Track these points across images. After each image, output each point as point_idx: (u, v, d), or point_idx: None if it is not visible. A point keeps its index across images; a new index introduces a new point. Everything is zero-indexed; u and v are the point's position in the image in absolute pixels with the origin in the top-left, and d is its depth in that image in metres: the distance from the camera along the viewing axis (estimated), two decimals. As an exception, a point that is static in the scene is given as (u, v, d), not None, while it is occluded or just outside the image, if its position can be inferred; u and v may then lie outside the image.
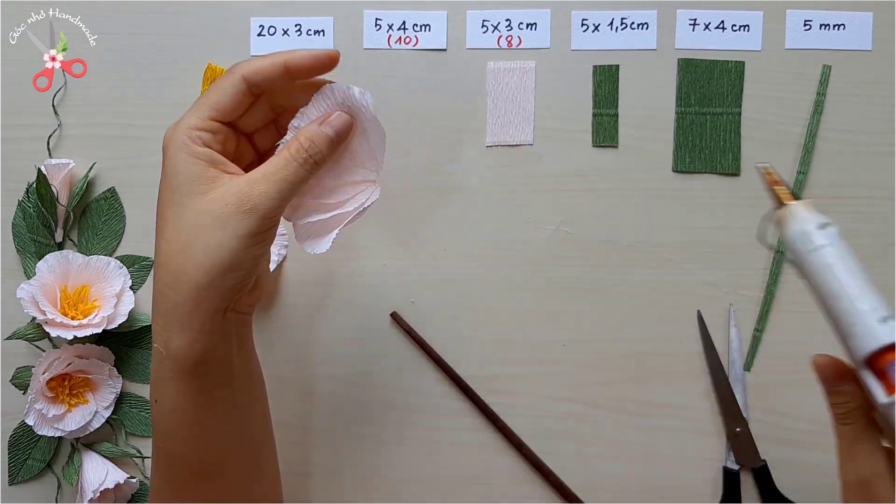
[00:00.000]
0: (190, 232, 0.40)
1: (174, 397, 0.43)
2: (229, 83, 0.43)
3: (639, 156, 0.61)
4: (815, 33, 0.60)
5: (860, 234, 0.60)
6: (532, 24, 0.60)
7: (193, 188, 0.41)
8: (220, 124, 0.43)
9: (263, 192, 0.40)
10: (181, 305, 0.41)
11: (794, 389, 0.61)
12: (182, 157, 0.41)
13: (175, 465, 0.45)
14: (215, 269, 0.40)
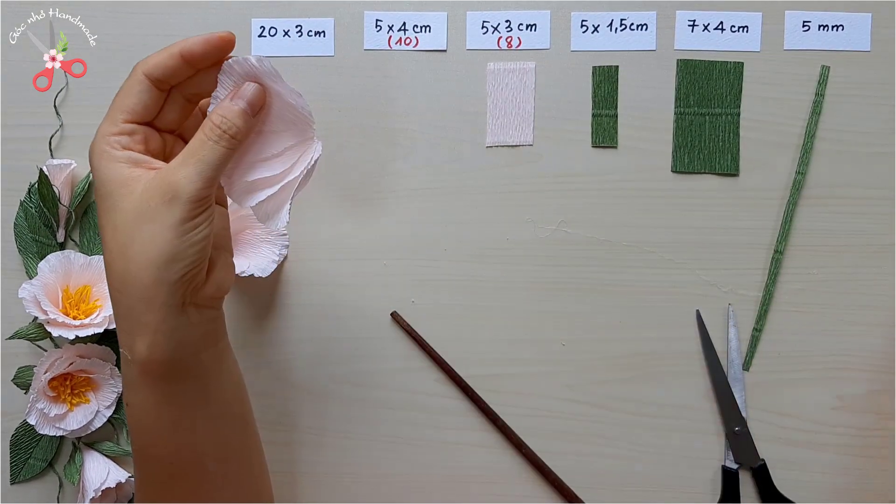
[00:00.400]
0: (124, 233, 0.40)
1: (143, 399, 0.43)
2: (134, 83, 0.42)
3: (638, 156, 0.61)
4: (814, 34, 0.61)
5: (860, 234, 0.61)
6: (532, 25, 0.61)
7: (121, 191, 0.40)
8: (135, 125, 0.42)
9: (184, 176, 0.40)
10: (135, 308, 0.40)
11: (793, 389, 0.61)
12: (104, 164, 0.41)
13: (151, 464, 0.45)
14: (154, 264, 0.40)
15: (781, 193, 0.61)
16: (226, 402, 0.47)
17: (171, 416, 0.43)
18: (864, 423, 0.61)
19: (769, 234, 0.61)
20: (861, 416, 0.61)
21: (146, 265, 0.40)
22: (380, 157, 0.61)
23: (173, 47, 0.42)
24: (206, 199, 0.41)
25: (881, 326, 0.61)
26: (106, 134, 0.42)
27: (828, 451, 0.61)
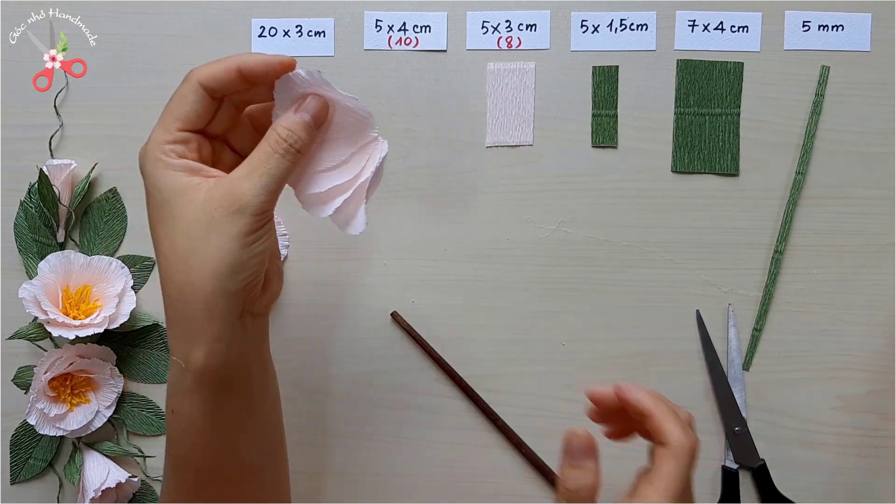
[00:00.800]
0: (185, 242, 0.40)
1: (194, 408, 0.43)
2: (188, 91, 0.42)
3: (638, 156, 0.61)
4: (814, 34, 0.61)
5: (859, 234, 0.61)
6: (532, 25, 0.61)
7: (180, 199, 0.40)
8: (189, 133, 0.42)
9: (249, 189, 0.40)
10: (193, 317, 0.40)
11: (793, 389, 0.61)
12: (160, 172, 0.41)
13: (190, 473, 0.45)
14: (218, 274, 0.40)
15: (781, 193, 0.61)
16: (267, 410, 0.48)
17: (218, 425, 0.43)
18: (865, 423, 0.61)
19: (769, 234, 0.61)
20: (861, 416, 0.61)
21: (209, 275, 0.39)
22: (380, 157, 0.61)
23: (230, 61, 0.42)
24: (269, 212, 0.41)
25: (881, 326, 0.61)
26: (160, 142, 0.41)
27: (828, 452, 0.61)
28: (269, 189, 0.40)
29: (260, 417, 0.47)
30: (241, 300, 0.41)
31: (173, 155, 0.41)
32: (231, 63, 0.42)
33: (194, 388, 0.42)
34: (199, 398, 0.42)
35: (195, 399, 0.42)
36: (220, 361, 0.41)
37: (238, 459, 0.46)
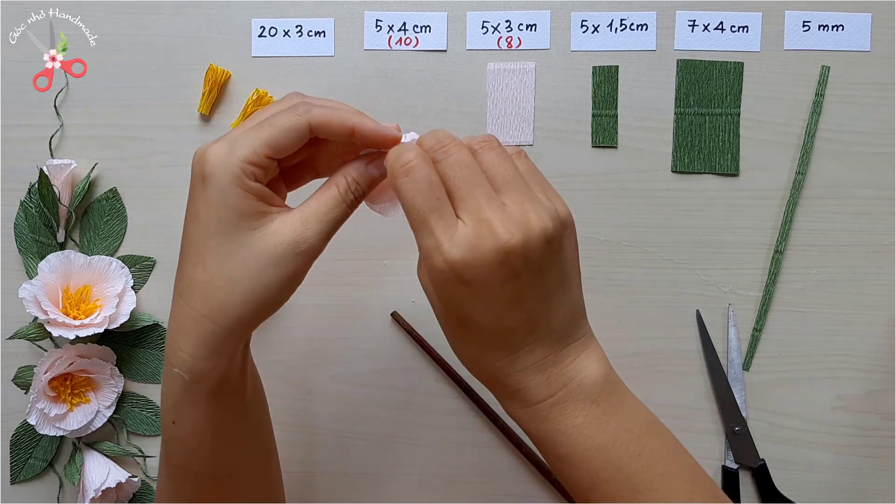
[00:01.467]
0: (238, 267, 0.39)
1: (196, 419, 0.43)
2: (294, 127, 0.40)
3: (638, 156, 0.61)
4: (814, 34, 0.61)
5: (860, 234, 0.61)
6: (532, 25, 0.61)
7: (244, 223, 0.39)
8: (271, 160, 0.40)
9: (316, 232, 0.40)
10: (217, 334, 0.40)
11: (793, 389, 0.61)
12: (235, 191, 0.39)
13: (190, 481, 0.45)
14: (261, 306, 0.40)
15: (781, 193, 0.61)
16: (254, 407, 0.47)
17: (217, 430, 0.44)
18: (865, 423, 0.61)
19: (769, 234, 0.61)
20: (861, 416, 0.61)
21: (253, 305, 0.40)
22: (380, 157, 0.61)
23: (346, 117, 0.41)
24: (318, 253, 0.41)
25: (881, 326, 0.61)
26: (245, 160, 0.39)
27: (828, 451, 0.61)
28: (330, 234, 0.41)
29: (253, 423, 0.47)
30: (257, 326, 0.42)
31: (252, 177, 0.40)
32: (347, 121, 0.41)
33: (200, 399, 0.42)
34: (204, 409, 0.42)
35: (200, 409, 0.42)
36: (223, 374, 0.42)
37: (234, 461, 0.46)
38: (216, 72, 0.60)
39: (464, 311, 0.39)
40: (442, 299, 0.40)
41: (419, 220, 0.39)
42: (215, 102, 0.61)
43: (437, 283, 0.39)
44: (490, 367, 0.41)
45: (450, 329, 0.41)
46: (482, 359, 0.41)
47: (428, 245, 0.39)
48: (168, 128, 0.62)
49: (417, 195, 0.38)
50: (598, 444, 0.40)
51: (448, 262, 0.38)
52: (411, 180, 0.38)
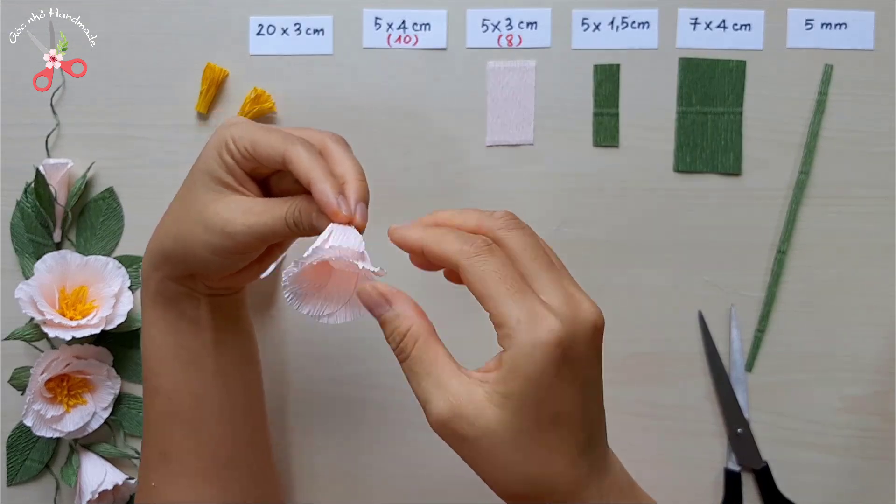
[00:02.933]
0: (183, 211, 0.46)
1: (151, 333, 0.49)
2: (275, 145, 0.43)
3: (640, 155, 0.61)
4: (817, 32, 0.60)
5: (861, 234, 0.60)
6: (532, 23, 0.60)
7: (209, 183, 0.44)
8: (249, 154, 0.44)
9: (247, 226, 0.43)
10: (153, 252, 0.48)
11: (796, 390, 0.60)
12: (213, 153, 0.44)
13: (153, 397, 0.50)
14: (185, 253, 0.45)
15: (784, 193, 0.60)
16: (226, 361, 0.51)
17: (172, 345, 0.49)
18: (868, 424, 0.60)
19: (772, 233, 0.60)
20: (864, 417, 0.60)
21: (176, 247, 0.46)
22: (379, 156, 0.61)
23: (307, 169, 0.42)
24: (251, 246, 0.44)
25: (885, 327, 0.60)
26: (232, 136, 0.44)
27: (831, 453, 0.60)
28: (258, 236, 0.43)
29: (219, 363, 0.50)
30: (185, 272, 0.47)
31: (228, 153, 0.44)
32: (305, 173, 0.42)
33: (150, 311, 0.49)
34: (157, 321, 0.49)
35: (152, 320, 0.49)
36: (175, 296, 0.48)
37: (196, 396, 0.49)
38: (214, 70, 0.60)
39: (558, 404, 0.35)
40: (542, 388, 0.35)
41: (521, 289, 0.36)
42: (213, 101, 0.61)
43: (547, 363, 0.35)
44: (574, 478, 0.36)
45: (534, 437, 0.35)
46: (569, 470, 0.36)
47: (541, 313, 0.35)
48: (165, 127, 0.61)
49: (498, 275, 0.36)
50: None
51: (557, 335, 0.34)
52: (486, 262, 0.36)
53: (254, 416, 0.54)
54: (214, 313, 0.50)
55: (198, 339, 0.49)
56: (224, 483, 0.50)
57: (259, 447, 0.54)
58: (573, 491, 0.36)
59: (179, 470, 0.50)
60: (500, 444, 0.35)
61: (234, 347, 0.52)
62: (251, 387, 0.53)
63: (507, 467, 0.35)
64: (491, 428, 0.34)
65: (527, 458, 0.35)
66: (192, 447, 0.50)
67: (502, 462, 0.35)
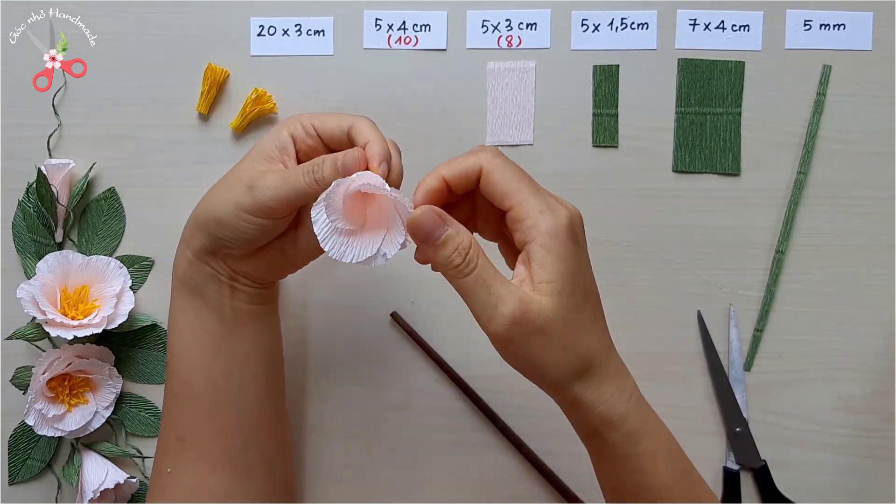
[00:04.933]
0: (223, 180, 0.48)
1: (176, 317, 0.50)
2: (337, 121, 0.47)
3: (639, 156, 0.61)
4: (816, 33, 0.60)
5: (861, 234, 0.60)
6: (532, 24, 0.60)
7: (253, 158, 0.47)
8: (319, 139, 0.47)
9: (266, 186, 0.45)
10: (188, 227, 0.49)
11: (795, 389, 0.61)
12: (273, 134, 0.48)
13: (171, 380, 0.51)
14: (209, 214, 0.47)
15: (783, 193, 0.61)
16: (247, 351, 0.51)
17: (195, 329, 0.50)
18: (866, 423, 0.60)
19: (770, 233, 0.61)
20: (862, 416, 0.60)
21: (206, 208, 0.48)
22: (379, 157, 0.61)
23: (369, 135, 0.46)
24: (275, 209, 0.45)
25: (883, 327, 0.61)
26: (298, 119, 0.48)
27: (829, 452, 0.61)
28: (284, 193, 0.45)
29: (242, 352, 0.51)
30: (216, 243, 0.48)
31: (287, 131, 0.47)
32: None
33: (177, 295, 0.50)
34: (182, 305, 0.50)
35: (179, 306, 0.50)
36: (199, 282, 0.49)
37: (212, 382, 0.50)
38: (215, 71, 0.60)
39: (582, 277, 0.42)
40: (569, 263, 0.41)
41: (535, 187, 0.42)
42: (214, 101, 0.61)
43: (572, 243, 0.41)
44: (606, 347, 0.44)
45: (579, 313, 0.42)
46: (603, 339, 0.44)
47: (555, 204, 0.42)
48: (166, 127, 0.61)
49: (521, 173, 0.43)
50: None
51: (569, 219, 0.41)
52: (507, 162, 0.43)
53: (271, 408, 0.54)
54: (238, 302, 0.50)
55: (220, 326, 0.50)
56: (238, 473, 0.51)
57: (275, 440, 0.54)
58: (604, 361, 0.43)
59: (195, 455, 0.50)
60: (559, 328, 0.40)
61: (257, 339, 0.52)
62: (271, 380, 0.54)
63: (565, 348, 0.41)
64: (550, 315, 0.40)
65: (576, 335, 0.41)
66: (208, 433, 0.50)
67: (562, 344, 0.41)
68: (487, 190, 0.42)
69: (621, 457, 0.43)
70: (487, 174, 0.41)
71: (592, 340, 0.42)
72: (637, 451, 0.43)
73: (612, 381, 0.43)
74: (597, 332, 0.43)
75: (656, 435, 0.44)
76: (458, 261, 0.41)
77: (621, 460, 0.43)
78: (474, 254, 0.41)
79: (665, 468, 0.43)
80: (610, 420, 0.42)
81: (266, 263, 0.50)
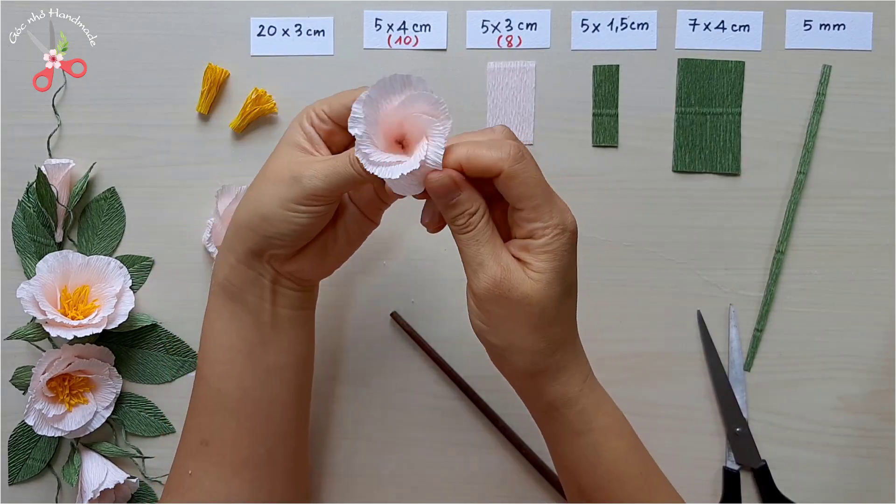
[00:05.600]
0: (260, 178, 0.48)
1: (213, 321, 0.50)
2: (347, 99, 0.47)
3: (639, 156, 0.61)
4: (815, 33, 0.60)
5: (860, 234, 0.60)
6: (532, 24, 0.60)
7: (286, 150, 0.47)
8: (332, 122, 0.47)
9: (313, 174, 0.45)
10: (229, 235, 0.49)
11: (795, 389, 0.61)
12: (295, 125, 0.48)
13: (200, 385, 0.51)
14: (254, 213, 0.47)
15: (783, 193, 0.61)
16: (281, 360, 0.51)
17: (231, 336, 0.49)
18: (866, 423, 0.60)
19: (770, 233, 0.61)
20: (862, 416, 0.60)
21: (250, 210, 0.47)
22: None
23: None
24: (325, 197, 0.46)
25: (882, 326, 0.61)
26: (311, 109, 0.48)
27: (829, 452, 0.61)
28: (329, 182, 0.45)
29: (276, 361, 0.51)
30: (263, 243, 0.47)
31: (309, 121, 0.48)
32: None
33: (215, 299, 0.50)
34: (220, 310, 0.50)
35: (216, 311, 0.50)
36: (234, 281, 0.49)
37: (243, 388, 0.50)
38: (215, 71, 0.60)
39: (570, 276, 0.44)
40: (564, 264, 0.44)
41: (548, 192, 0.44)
42: (214, 101, 0.61)
43: (571, 245, 0.44)
44: (575, 339, 0.47)
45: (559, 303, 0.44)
46: (574, 331, 0.47)
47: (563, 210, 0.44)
48: (167, 127, 0.61)
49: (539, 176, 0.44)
50: None
51: (575, 226, 0.44)
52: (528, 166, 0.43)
53: (298, 417, 0.54)
54: (279, 307, 0.50)
55: (257, 333, 0.50)
56: (261, 480, 0.51)
57: (298, 448, 0.54)
58: (569, 348, 0.46)
59: (218, 460, 0.50)
60: (536, 311, 0.43)
61: (292, 347, 0.52)
62: (301, 389, 0.53)
63: (538, 329, 0.43)
64: (528, 294, 0.43)
65: (553, 321, 0.44)
66: (234, 439, 0.50)
67: (535, 323, 0.43)
68: (504, 191, 0.43)
69: (576, 433, 0.46)
70: (508, 178, 0.43)
71: (564, 330, 0.45)
72: (591, 426, 0.46)
73: (571, 364, 0.46)
74: (570, 323, 0.46)
75: (609, 412, 0.48)
76: (461, 220, 0.44)
77: (576, 436, 0.46)
78: (478, 218, 0.44)
79: (617, 444, 0.47)
80: (566, 397, 0.45)
81: (309, 261, 0.49)
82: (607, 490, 0.47)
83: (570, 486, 0.49)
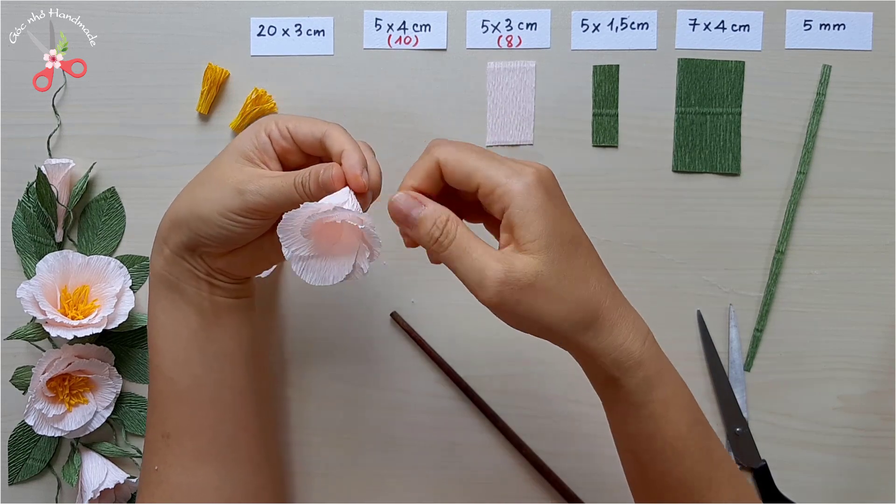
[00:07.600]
0: (206, 178, 0.48)
1: (155, 313, 0.51)
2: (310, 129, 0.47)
3: (639, 156, 0.61)
4: (815, 33, 0.60)
5: (860, 234, 0.60)
6: (532, 23, 0.60)
7: (232, 156, 0.47)
8: (292, 142, 0.47)
9: (260, 188, 0.45)
10: (166, 223, 0.49)
11: (794, 389, 0.61)
12: (249, 134, 0.48)
13: (161, 381, 0.51)
14: (192, 212, 0.47)
15: (783, 193, 0.61)
16: (227, 345, 0.52)
17: (173, 324, 0.50)
18: (865, 423, 0.60)
19: (770, 233, 0.61)
20: (862, 416, 0.60)
21: (186, 208, 0.48)
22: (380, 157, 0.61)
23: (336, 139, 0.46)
24: (260, 211, 0.46)
25: (883, 327, 0.61)
26: (273, 121, 0.48)
27: (829, 452, 0.61)
28: (270, 199, 0.45)
29: (222, 346, 0.51)
30: (195, 241, 0.48)
31: (266, 134, 0.47)
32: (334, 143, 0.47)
33: (154, 290, 0.51)
34: (159, 300, 0.50)
35: (154, 300, 0.51)
36: (177, 277, 0.49)
37: (200, 376, 0.51)
38: (215, 71, 0.60)
39: (566, 227, 0.43)
40: (549, 217, 0.42)
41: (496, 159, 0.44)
42: (214, 101, 0.61)
43: (541, 195, 0.42)
44: (612, 292, 0.44)
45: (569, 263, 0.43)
46: (603, 284, 0.44)
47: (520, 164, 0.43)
48: (167, 127, 0.61)
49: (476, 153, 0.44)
50: None
51: (536, 176, 0.42)
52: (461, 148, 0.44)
53: (254, 402, 0.54)
54: (217, 297, 0.51)
55: (200, 319, 0.50)
56: (224, 468, 0.51)
57: (261, 434, 0.54)
58: (610, 306, 0.43)
59: (180, 451, 0.50)
60: (552, 280, 0.41)
61: (236, 332, 0.52)
62: (255, 374, 0.54)
63: (562, 298, 0.41)
64: (538, 269, 0.41)
65: (572, 284, 0.42)
66: (192, 428, 0.50)
67: (557, 295, 0.41)
68: (452, 179, 0.43)
69: (635, 404, 0.44)
70: (444, 165, 0.43)
71: (591, 287, 0.43)
72: (651, 397, 0.43)
73: (622, 326, 0.43)
74: (594, 278, 0.43)
75: (671, 382, 0.44)
76: (436, 234, 0.43)
77: (635, 407, 0.44)
78: (452, 226, 0.43)
79: (678, 416, 0.44)
80: (625, 366, 0.43)
81: (242, 260, 0.50)
82: (665, 464, 0.44)
83: (627, 457, 0.48)
